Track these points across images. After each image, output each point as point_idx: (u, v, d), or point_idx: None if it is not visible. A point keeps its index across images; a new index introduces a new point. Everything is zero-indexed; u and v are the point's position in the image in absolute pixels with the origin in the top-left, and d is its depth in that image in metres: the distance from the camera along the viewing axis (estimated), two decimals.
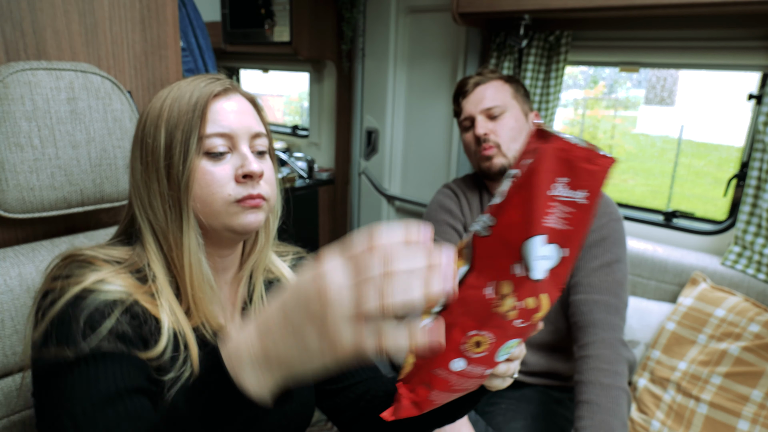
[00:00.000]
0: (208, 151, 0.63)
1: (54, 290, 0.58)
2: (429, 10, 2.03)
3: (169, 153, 0.62)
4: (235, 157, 0.65)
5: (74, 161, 0.83)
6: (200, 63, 1.85)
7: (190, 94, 0.63)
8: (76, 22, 0.91)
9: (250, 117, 0.67)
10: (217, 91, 0.65)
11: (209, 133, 0.63)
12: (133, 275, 0.63)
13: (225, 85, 0.66)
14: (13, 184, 0.77)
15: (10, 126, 0.76)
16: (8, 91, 0.75)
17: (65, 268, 0.60)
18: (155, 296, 0.62)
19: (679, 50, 1.53)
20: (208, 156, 0.63)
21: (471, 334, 0.44)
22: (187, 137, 0.62)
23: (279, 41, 2.24)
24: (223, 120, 0.64)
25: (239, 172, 0.63)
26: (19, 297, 0.76)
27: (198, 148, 0.62)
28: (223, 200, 0.63)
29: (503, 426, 1.11)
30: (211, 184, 0.63)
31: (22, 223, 0.87)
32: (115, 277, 0.60)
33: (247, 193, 0.64)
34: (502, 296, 0.42)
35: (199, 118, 0.62)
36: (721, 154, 6.55)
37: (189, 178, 0.62)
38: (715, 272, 1.46)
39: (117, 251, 0.65)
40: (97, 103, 0.85)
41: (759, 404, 1.21)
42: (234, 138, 0.64)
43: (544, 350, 1.22)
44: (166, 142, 0.62)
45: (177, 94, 0.64)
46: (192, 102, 0.62)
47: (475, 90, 1.24)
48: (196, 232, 0.64)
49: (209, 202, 0.63)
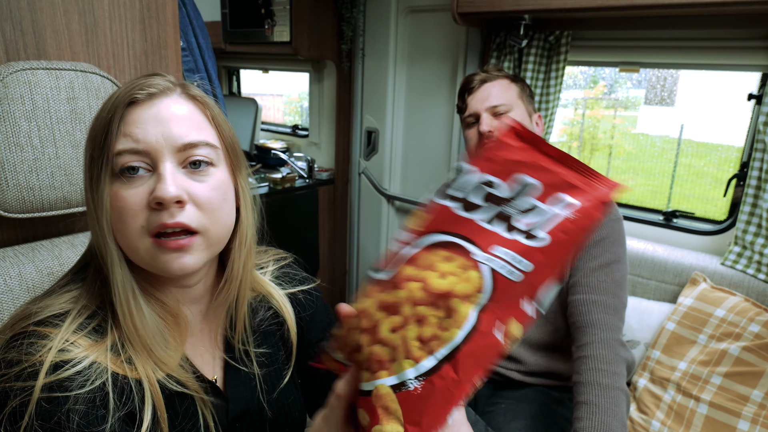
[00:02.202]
0: (120, 169, 0.53)
1: (7, 392, 0.49)
2: (429, 10, 2.03)
3: (89, 174, 0.54)
4: (152, 179, 0.53)
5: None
6: (200, 63, 1.85)
7: (112, 101, 0.54)
8: (75, 22, 0.91)
9: (181, 124, 0.54)
10: (135, 98, 0.53)
11: (120, 149, 0.52)
12: (88, 325, 0.54)
13: (154, 88, 0.55)
14: (13, 184, 0.77)
15: (9, 126, 0.76)
16: (8, 90, 0.75)
17: (11, 351, 0.51)
18: (120, 352, 0.54)
19: (679, 50, 1.53)
20: (121, 177, 0.53)
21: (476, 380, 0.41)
22: (99, 155, 0.52)
23: (279, 41, 2.24)
24: (138, 133, 0.52)
25: (150, 198, 0.52)
26: (19, 297, 0.76)
27: (110, 168, 0.52)
28: (138, 234, 0.53)
29: (503, 426, 1.10)
30: (122, 212, 0.52)
31: (22, 223, 0.87)
32: (71, 348, 0.51)
33: (161, 222, 0.52)
34: (510, 338, 0.41)
35: (112, 132, 0.52)
36: (721, 154, 6.55)
37: (102, 205, 0.52)
38: (715, 272, 1.46)
39: (65, 295, 0.56)
40: (97, 103, 0.85)
41: (759, 404, 1.21)
42: (152, 154, 0.53)
43: (544, 350, 1.22)
44: (89, 163, 0.54)
45: (105, 102, 0.55)
46: (110, 111, 0.53)
47: (482, 87, 1.23)
48: (122, 267, 0.54)
49: (124, 234, 0.53)
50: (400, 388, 0.40)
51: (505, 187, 0.42)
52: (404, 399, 0.40)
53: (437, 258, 0.42)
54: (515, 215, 0.42)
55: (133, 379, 0.55)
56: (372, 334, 0.42)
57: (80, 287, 0.58)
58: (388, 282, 0.43)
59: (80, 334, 0.54)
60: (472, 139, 1.25)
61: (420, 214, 0.45)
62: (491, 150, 0.43)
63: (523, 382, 1.22)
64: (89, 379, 0.51)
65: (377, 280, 0.44)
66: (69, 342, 0.52)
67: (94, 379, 0.52)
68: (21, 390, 0.49)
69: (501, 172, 0.42)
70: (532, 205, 0.42)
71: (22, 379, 0.49)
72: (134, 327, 0.55)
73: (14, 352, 0.51)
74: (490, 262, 0.41)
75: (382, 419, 0.40)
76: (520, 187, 0.42)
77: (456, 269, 0.42)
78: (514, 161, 0.42)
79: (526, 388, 1.22)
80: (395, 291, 0.42)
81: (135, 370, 0.55)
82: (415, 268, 0.42)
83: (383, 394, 0.40)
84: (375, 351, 0.41)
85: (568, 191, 0.42)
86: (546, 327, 1.22)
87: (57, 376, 0.50)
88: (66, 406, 0.50)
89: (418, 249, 0.43)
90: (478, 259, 0.41)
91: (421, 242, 0.43)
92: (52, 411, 0.49)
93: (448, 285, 0.41)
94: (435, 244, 0.43)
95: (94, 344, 0.54)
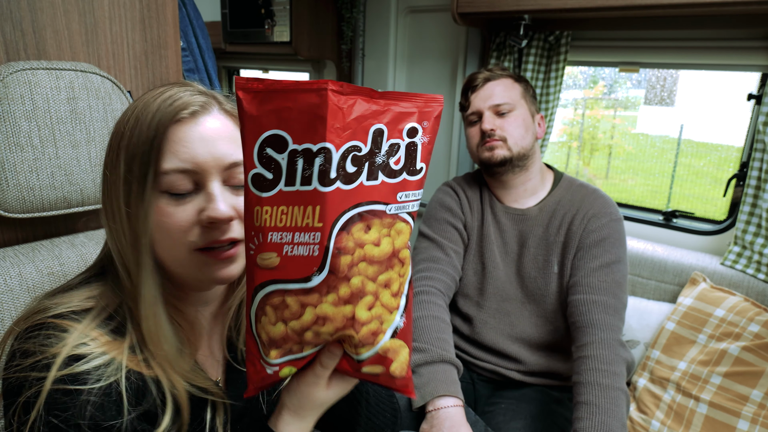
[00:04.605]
0: (167, 190, 0.53)
1: (22, 382, 0.50)
2: (429, 10, 2.03)
3: (127, 188, 0.53)
4: (200, 197, 0.54)
5: (74, 161, 0.83)
6: (200, 63, 1.85)
7: (153, 115, 0.53)
8: (76, 22, 0.91)
9: (225, 143, 0.55)
10: (181, 116, 0.53)
11: (168, 169, 0.53)
12: (108, 326, 0.55)
13: (195, 104, 0.55)
14: (13, 184, 0.77)
15: (10, 126, 0.76)
16: (8, 90, 0.75)
17: (27, 341, 0.51)
18: (138, 353, 0.55)
19: (679, 50, 1.53)
20: (169, 195, 0.53)
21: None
22: (144, 172, 0.52)
23: (279, 41, 2.24)
24: (185, 152, 0.53)
25: (203, 217, 0.53)
26: (19, 297, 0.76)
27: (156, 184, 0.53)
28: (186, 248, 0.54)
29: (503, 426, 1.11)
30: (170, 229, 0.53)
31: (22, 223, 0.87)
32: (91, 343, 0.52)
33: (213, 239, 0.54)
34: None
35: (157, 150, 0.52)
36: (721, 154, 6.55)
37: (146, 220, 0.53)
38: (714, 272, 1.46)
39: (85, 292, 0.57)
40: (97, 103, 0.85)
41: (759, 404, 1.21)
42: (200, 173, 0.54)
43: (544, 350, 1.22)
44: (125, 175, 0.53)
45: (141, 113, 0.54)
46: (152, 128, 0.53)
47: (485, 86, 1.23)
48: (154, 282, 0.55)
49: (168, 248, 0.54)
50: (395, 332, 0.49)
51: (365, 144, 0.44)
52: (401, 335, 0.49)
53: (359, 234, 0.45)
54: (387, 161, 0.45)
55: (151, 378, 0.55)
56: (353, 325, 0.46)
57: (101, 288, 0.58)
58: (327, 282, 0.44)
59: (100, 332, 0.54)
60: (473, 138, 1.25)
61: (290, 212, 0.44)
62: (333, 120, 0.42)
63: (523, 381, 1.22)
64: (106, 374, 0.52)
65: (308, 288, 0.44)
66: (88, 337, 0.53)
67: (110, 375, 0.52)
68: (36, 380, 0.49)
69: (353, 134, 0.43)
70: (391, 145, 0.45)
71: (38, 369, 0.50)
72: (156, 340, 0.55)
73: (30, 343, 0.51)
74: (404, 208, 0.47)
75: (394, 358, 0.49)
76: (376, 136, 0.44)
77: (383, 231, 0.46)
78: (355, 119, 0.43)
79: (525, 387, 1.22)
80: (346, 283, 0.45)
81: (153, 369, 0.56)
82: (348, 255, 0.44)
83: (389, 347, 0.49)
84: (364, 332, 0.47)
85: (409, 119, 0.46)
86: (546, 327, 1.22)
87: (73, 369, 0.50)
88: (80, 398, 0.50)
89: (332, 240, 0.43)
90: (393, 212, 0.46)
91: (331, 233, 0.43)
92: (67, 403, 0.49)
93: (388, 246, 0.46)
94: (344, 226, 0.44)
95: (112, 342, 0.54)
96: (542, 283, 1.21)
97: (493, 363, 1.24)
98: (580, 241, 1.17)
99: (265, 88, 0.43)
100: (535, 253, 1.23)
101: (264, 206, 0.44)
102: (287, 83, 0.43)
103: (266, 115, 0.43)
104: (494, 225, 1.28)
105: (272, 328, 0.46)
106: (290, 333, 0.46)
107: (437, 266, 1.24)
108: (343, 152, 0.43)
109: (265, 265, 0.45)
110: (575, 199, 1.22)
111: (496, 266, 1.26)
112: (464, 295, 1.29)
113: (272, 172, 0.43)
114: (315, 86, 0.42)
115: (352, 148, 0.43)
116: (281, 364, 0.49)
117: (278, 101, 0.43)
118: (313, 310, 0.45)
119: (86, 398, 0.50)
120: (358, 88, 0.43)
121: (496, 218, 1.28)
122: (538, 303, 1.22)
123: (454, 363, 1.09)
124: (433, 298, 1.18)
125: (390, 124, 0.45)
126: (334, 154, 0.42)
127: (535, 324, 1.22)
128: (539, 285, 1.21)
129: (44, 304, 0.55)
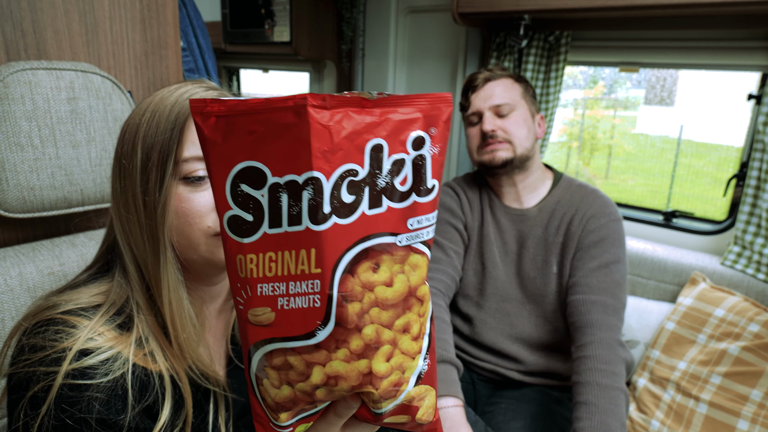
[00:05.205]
0: (186, 176, 0.56)
1: (30, 377, 0.50)
2: (429, 10, 2.03)
3: (145, 177, 0.55)
4: None
5: (74, 161, 0.83)
6: (200, 63, 1.85)
7: (171, 108, 0.56)
8: (76, 22, 0.91)
9: None
10: None
11: (187, 157, 0.55)
12: (115, 321, 0.56)
13: (213, 96, 0.59)
14: (14, 184, 0.77)
15: (10, 126, 0.76)
16: (8, 90, 0.75)
17: (36, 336, 0.52)
18: (144, 346, 0.56)
19: (679, 50, 1.53)
20: (187, 182, 0.56)
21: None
22: (164, 160, 0.55)
23: (279, 41, 2.24)
24: None
25: None
26: (20, 297, 0.76)
27: (175, 172, 0.55)
28: (202, 233, 0.56)
29: (503, 426, 1.11)
30: (188, 213, 0.56)
31: (22, 223, 0.87)
32: (98, 338, 0.54)
33: None
34: None
35: (177, 138, 0.55)
36: (721, 154, 6.56)
37: (165, 207, 0.55)
38: (714, 272, 1.46)
39: (93, 289, 0.59)
40: (98, 103, 0.85)
41: (758, 404, 1.21)
42: None
43: (544, 350, 1.22)
44: (143, 164, 0.55)
45: (157, 106, 0.57)
46: (171, 119, 0.55)
47: (485, 86, 1.23)
48: (175, 266, 0.57)
49: (186, 234, 0.56)
50: (419, 377, 0.41)
51: (362, 165, 0.36)
52: (426, 379, 0.42)
53: (367, 275, 0.37)
54: (392, 183, 0.37)
55: (156, 373, 0.56)
56: (371, 381, 0.39)
57: (108, 284, 0.60)
58: (335, 336, 0.37)
59: (107, 327, 0.56)
60: (473, 138, 1.25)
61: (288, 259, 0.37)
62: (318, 142, 0.34)
63: (523, 381, 1.22)
64: (113, 369, 0.53)
65: (313, 345, 0.37)
66: (97, 333, 0.54)
67: (117, 369, 0.53)
68: (44, 375, 0.50)
69: (345, 156, 0.35)
70: (394, 162, 0.37)
71: (46, 364, 0.50)
72: (181, 323, 0.57)
73: (39, 338, 0.52)
74: (417, 237, 0.39)
75: (420, 405, 0.42)
76: (374, 154, 0.37)
77: (395, 267, 0.38)
78: (347, 137, 0.35)
79: (525, 387, 1.22)
80: (357, 334, 0.37)
81: (158, 364, 0.56)
82: (356, 303, 0.37)
83: (414, 395, 0.41)
84: (385, 386, 0.39)
85: (412, 127, 0.37)
86: (545, 327, 1.22)
87: (82, 363, 0.51)
88: (88, 393, 0.51)
89: (334, 286, 0.36)
90: (405, 243, 0.39)
91: (333, 278, 0.36)
92: (75, 398, 0.50)
93: (403, 285, 0.38)
94: (348, 268, 0.36)
95: (119, 337, 0.56)
96: (541, 283, 1.21)
97: (492, 363, 1.24)
98: (579, 241, 1.17)
99: (229, 111, 0.36)
100: (535, 253, 1.23)
101: (247, 254, 0.37)
102: (255, 102, 0.35)
103: (235, 144, 0.36)
104: (494, 225, 1.28)
105: (277, 391, 0.39)
106: (299, 395, 0.39)
107: (438, 266, 1.24)
108: (336, 180, 0.35)
109: (259, 321, 0.38)
110: (574, 199, 1.22)
111: (495, 266, 1.26)
112: (464, 295, 1.29)
113: (252, 213, 0.36)
114: (291, 102, 0.34)
115: (346, 174, 0.36)
116: (294, 424, 0.43)
117: (247, 125, 0.35)
118: (322, 369, 0.38)
119: (93, 393, 0.51)
120: (345, 99, 0.35)
121: (496, 218, 1.28)
122: (537, 303, 1.22)
123: (455, 363, 1.09)
124: (434, 298, 1.18)
125: (390, 137, 0.37)
126: (325, 183, 0.35)
127: (534, 324, 1.22)
128: (538, 285, 1.21)
129: (53, 300, 0.56)
